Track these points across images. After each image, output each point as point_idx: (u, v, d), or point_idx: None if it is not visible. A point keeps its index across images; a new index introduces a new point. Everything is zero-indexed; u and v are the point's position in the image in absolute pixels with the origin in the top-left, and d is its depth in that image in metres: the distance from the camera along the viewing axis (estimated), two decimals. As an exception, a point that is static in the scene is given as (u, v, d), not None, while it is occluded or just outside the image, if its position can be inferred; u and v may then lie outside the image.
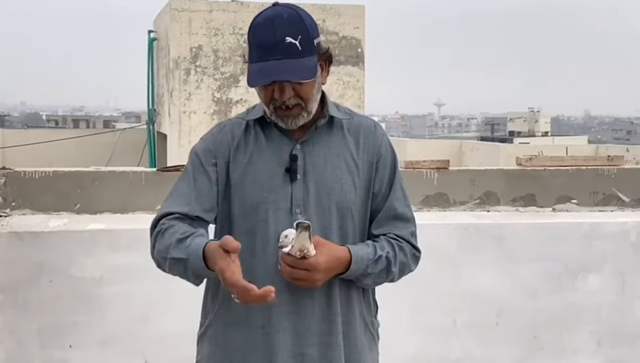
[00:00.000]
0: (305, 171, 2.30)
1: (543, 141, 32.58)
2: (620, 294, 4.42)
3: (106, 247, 3.96)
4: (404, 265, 2.38)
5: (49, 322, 3.93)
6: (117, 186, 4.39)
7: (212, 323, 2.38)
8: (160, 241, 2.26)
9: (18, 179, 4.32)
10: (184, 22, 13.17)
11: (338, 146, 2.36)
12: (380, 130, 2.46)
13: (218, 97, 13.26)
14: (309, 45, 2.25)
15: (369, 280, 2.32)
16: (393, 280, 2.39)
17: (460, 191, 4.68)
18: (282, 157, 2.31)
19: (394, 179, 2.41)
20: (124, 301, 3.98)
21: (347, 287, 2.33)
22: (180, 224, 2.25)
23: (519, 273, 4.31)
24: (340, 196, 2.31)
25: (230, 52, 13.19)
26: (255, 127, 2.36)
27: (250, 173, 2.30)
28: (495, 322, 4.31)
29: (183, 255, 2.16)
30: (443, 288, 4.22)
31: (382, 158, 2.40)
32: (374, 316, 2.49)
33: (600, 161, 5.05)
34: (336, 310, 2.31)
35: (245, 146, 2.34)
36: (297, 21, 2.25)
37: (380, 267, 2.30)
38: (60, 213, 4.31)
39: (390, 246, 2.34)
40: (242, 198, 2.30)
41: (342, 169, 2.33)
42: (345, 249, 2.25)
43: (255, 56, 2.25)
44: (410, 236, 2.41)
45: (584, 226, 4.42)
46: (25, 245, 3.90)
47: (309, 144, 2.33)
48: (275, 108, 2.27)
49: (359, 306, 2.39)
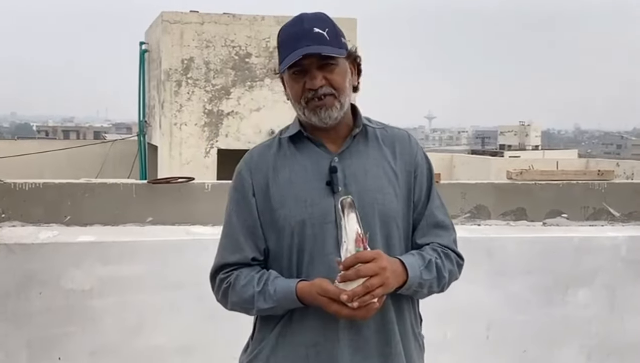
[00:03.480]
0: (345, 182, 2.29)
1: (533, 154, 32.71)
2: (610, 308, 4.43)
3: (96, 259, 3.94)
4: (452, 273, 2.39)
5: (39, 334, 3.91)
6: (107, 198, 4.38)
7: (265, 347, 2.36)
8: (233, 294, 2.32)
9: (8, 190, 4.30)
10: (176, 34, 13.19)
11: (376, 156, 2.36)
12: (414, 140, 2.47)
13: (209, 109, 13.27)
14: (337, 39, 2.27)
15: (425, 289, 2.31)
16: (444, 288, 2.38)
17: (451, 205, 4.66)
18: (321, 171, 2.30)
19: (431, 188, 2.43)
20: (114, 314, 3.97)
21: (398, 297, 2.31)
22: (244, 272, 2.32)
23: (510, 287, 4.31)
24: (383, 206, 2.30)
25: (221, 64, 13.21)
26: (290, 146, 2.36)
27: (292, 191, 2.30)
28: (485, 335, 4.31)
29: (272, 303, 2.25)
30: (433, 301, 4.21)
31: (419, 167, 2.41)
32: (420, 328, 2.49)
33: (590, 175, 5.06)
34: (391, 319, 2.30)
35: (282, 166, 2.34)
36: (324, 17, 2.29)
37: (433, 274, 2.29)
38: (51, 224, 4.29)
39: (436, 253, 2.34)
40: (288, 217, 2.29)
41: (382, 178, 2.33)
42: (395, 259, 2.24)
43: (284, 52, 2.25)
44: (453, 243, 2.43)
45: (575, 241, 4.43)
46: (15, 257, 3.88)
47: (346, 157, 2.33)
48: (307, 101, 2.26)
49: (409, 317, 2.39)
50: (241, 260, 2.34)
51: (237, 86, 13.32)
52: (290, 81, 2.29)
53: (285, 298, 2.21)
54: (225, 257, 2.36)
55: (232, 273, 2.33)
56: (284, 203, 2.29)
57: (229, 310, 2.38)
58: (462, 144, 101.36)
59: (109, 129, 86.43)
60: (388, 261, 2.15)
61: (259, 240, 2.34)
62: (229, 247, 2.36)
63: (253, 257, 2.33)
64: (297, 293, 2.19)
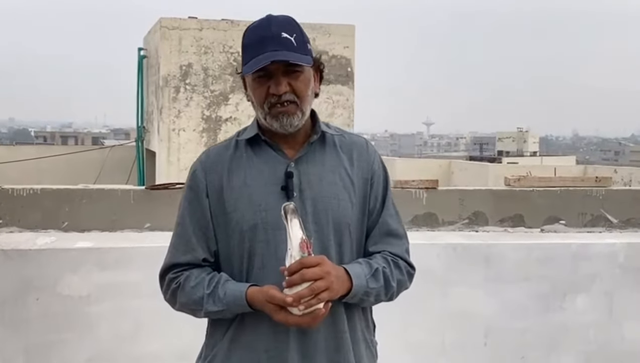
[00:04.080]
0: (301, 188, 2.29)
1: (531, 161, 32.71)
2: (608, 315, 4.43)
3: (94, 265, 3.94)
4: (401, 282, 2.37)
5: (36, 340, 3.90)
6: (105, 204, 4.38)
7: (218, 352, 2.36)
8: (182, 295, 2.31)
9: (6, 196, 4.30)
10: (174, 40, 13.19)
11: (332, 163, 2.36)
12: (372, 147, 2.46)
13: (207, 115, 13.26)
14: (304, 46, 2.27)
15: (372, 297, 2.29)
16: (392, 297, 2.37)
17: (449, 211, 4.69)
18: (277, 176, 2.29)
19: (386, 196, 2.42)
20: (111, 320, 3.96)
21: (348, 304, 2.30)
22: (194, 273, 2.31)
23: (507, 294, 4.31)
24: (337, 212, 2.29)
25: (220, 70, 13.21)
26: (247, 149, 2.36)
27: (246, 194, 2.29)
28: (483, 342, 4.30)
29: (221, 307, 2.24)
30: (431, 308, 4.22)
31: (375, 175, 2.40)
32: (372, 335, 2.47)
33: (588, 182, 5.07)
34: (342, 327, 2.29)
35: (237, 168, 2.33)
36: (291, 22, 2.29)
37: (380, 282, 2.28)
38: (48, 230, 4.29)
39: (386, 261, 2.33)
40: (241, 220, 2.28)
41: (337, 185, 2.32)
42: (340, 267, 2.23)
43: (250, 54, 2.24)
44: (405, 252, 2.42)
45: (572, 247, 4.43)
46: (13, 263, 3.88)
47: (303, 162, 2.32)
48: (270, 106, 2.26)
49: (360, 324, 2.38)
50: (192, 260, 2.33)
51: (235, 92, 13.30)
52: (253, 84, 2.28)
53: (234, 302, 2.21)
54: (176, 257, 2.36)
55: (182, 273, 2.32)
56: (237, 206, 2.29)
57: (176, 311, 2.38)
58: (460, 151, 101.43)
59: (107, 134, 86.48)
60: (332, 267, 2.15)
61: (211, 241, 2.34)
62: (181, 247, 2.36)
63: (204, 258, 2.33)
64: (247, 298, 2.19)
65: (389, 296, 2.34)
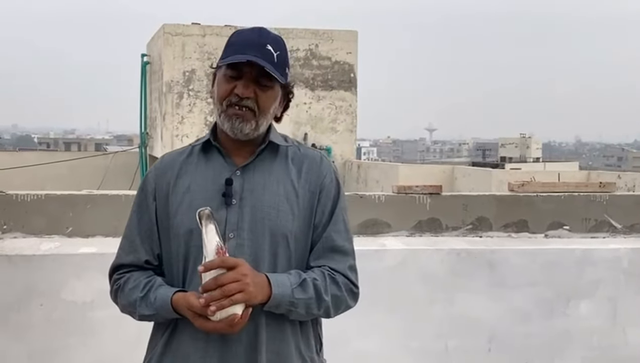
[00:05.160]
0: (242, 196, 2.28)
1: (534, 166, 32.66)
2: (612, 320, 4.42)
3: (97, 271, 3.93)
4: (339, 299, 2.30)
5: (40, 346, 3.90)
6: (109, 209, 4.38)
7: (153, 357, 2.39)
8: (122, 296, 2.37)
9: (10, 202, 4.30)
10: (178, 46, 13.22)
11: (279, 173, 2.34)
12: (326, 162, 2.42)
13: (211, 120, 13.27)
14: (283, 65, 2.28)
15: (300, 309, 2.23)
16: (328, 313, 2.31)
17: (452, 217, 4.68)
18: (220, 182, 2.29)
19: (334, 211, 2.36)
20: (115, 326, 3.95)
21: (277, 317, 2.24)
22: (134, 276, 2.35)
23: (511, 299, 4.31)
24: (275, 222, 2.27)
25: (223, 76, 13.22)
26: (200, 155, 2.37)
27: (188, 199, 2.30)
28: (487, 347, 4.30)
29: (152, 311, 2.28)
30: (435, 313, 4.22)
31: (325, 189, 2.36)
32: (315, 353, 2.39)
33: (592, 187, 5.06)
34: (262, 338, 2.24)
35: (185, 173, 2.35)
36: (280, 41, 2.29)
37: (309, 294, 2.22)
38: (52, 236, 4.29)
39: (321, 275, 2.27)
40: (179, 225, 2.29)
41: (280, 196, 2.30)
42: (262, 273, 2.19)
43: (230, 51, 2.26)
44: (348, 269, 2.34)
45: (576, 253, 4.43)
46: (17, 268, 3.88)
47: (249, 171, 2.32)
48: (229, 105, 2.26)
49: (295, 339, 2.31)
50: (135, 261, 2.37)
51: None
52: (221, 79, 2.30)
53: (162, 307, 2.24)
54: (121, 257, 2.40)
55: (125, 275, 2.36)
56: (178, 210, 2.30)
57: (121, 312, 2.42)
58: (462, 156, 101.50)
59: (111, 141, 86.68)
60: (250, 271, 2.13)
61: (155, 244, 2.36)
62: (126, 248, 2.40)
63: (146, 260, 2.36)
64: (172, 304, 2.21)
65: (322, 310, 2.28)
